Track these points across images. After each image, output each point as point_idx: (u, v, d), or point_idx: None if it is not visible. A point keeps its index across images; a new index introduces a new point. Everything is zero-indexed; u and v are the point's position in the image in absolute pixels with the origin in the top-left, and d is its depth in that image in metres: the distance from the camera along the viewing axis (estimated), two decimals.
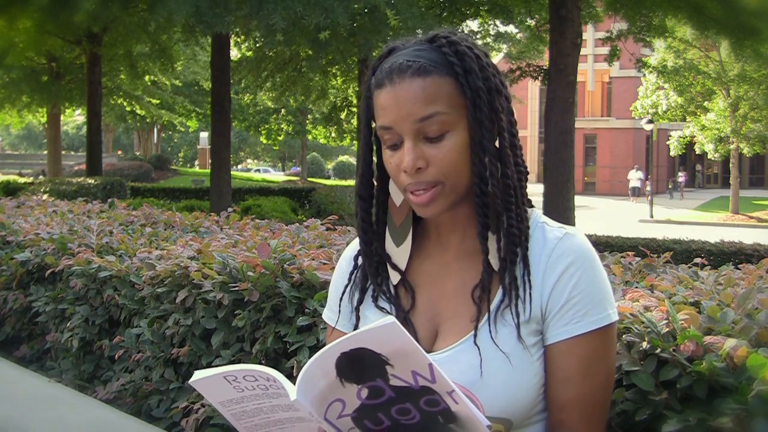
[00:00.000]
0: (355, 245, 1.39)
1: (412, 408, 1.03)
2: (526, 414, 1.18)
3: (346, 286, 1.35)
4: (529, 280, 1.19)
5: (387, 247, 1.31)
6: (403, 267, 1.29)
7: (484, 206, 1.19)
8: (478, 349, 1.18)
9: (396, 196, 1.29)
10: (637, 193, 33.38)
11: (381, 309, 1.30)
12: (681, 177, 37.53)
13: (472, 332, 1.20)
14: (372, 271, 1.31)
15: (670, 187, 34.90)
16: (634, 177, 34.04)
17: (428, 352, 1.22)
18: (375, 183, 1.29)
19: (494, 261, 1.21)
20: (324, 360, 1.00)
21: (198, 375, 1.09)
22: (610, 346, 1.21)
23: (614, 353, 1.23)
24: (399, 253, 1.29)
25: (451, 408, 1.01)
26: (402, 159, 1.18)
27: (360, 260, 1.34)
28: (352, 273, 1.35)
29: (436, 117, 1.15)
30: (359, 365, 1.00)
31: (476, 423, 1.02)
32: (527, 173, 1.26)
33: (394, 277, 1.30)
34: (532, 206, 1.29)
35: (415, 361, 0.99)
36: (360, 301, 1.33)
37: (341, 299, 1.36)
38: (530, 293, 1.19)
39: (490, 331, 1.19)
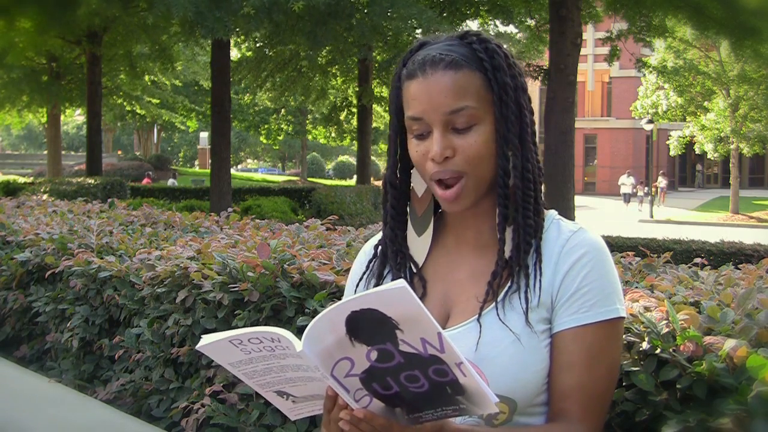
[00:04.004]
0: (374, 240, 1.42)
1: (420, 376, 1.03)
2: (530, 397, 1.20)
3: (363, 274, 1.39)
4: (540, 269, 1.23)
5: (408, 237, 1.34)
6: (423, 257, 1.33)
7: (506, 197, 1.24)
8: (480, 326, 1.21)
9: (418, 186, 1.33)
10: (629, 199, 32.41)
11: None
12: (662, 182, 32.85)
13: (482, 311, 1.23)
14: (393, 258, 1.34)
15: (653, 193, 30.41)
16: (627, 182, 32.59)
17: None
18: (387, 178, 1.32)
19: (508, 251, 1.25)
20: (333, 316, 1.01)
21: (205, 340, 1.11)
22: (615, 340, 1.23)
23: (619, 349, 1.25)
24: (420, 242, 1.33)
25: (460, 380, 1.02)
26: (430, 148, 1.22)
27: (379, 249, 1.37)
28: (370, 261, 1.38)
29: (465, 110, 1.20)
30: (369, 325, 1.00)
31: (484, 397, 1.02)
32: (542, 172, 1.30)
33: (413, 268, 1.33)
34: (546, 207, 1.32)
35: (425, 328, 0.99)
36: (375, 285, 1.35)
37: (357, 287, 1.39)
38: (540, 281, 1.22)
39: (498, 313, 1.22)
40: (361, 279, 1.39)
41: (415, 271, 1.33)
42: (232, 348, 1.10)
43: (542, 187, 1.29)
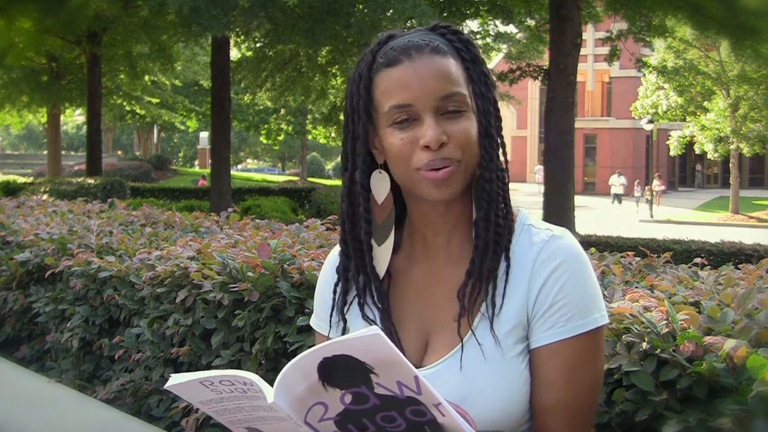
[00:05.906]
0: (336, 253, 1.32)
1: (397, 416, 1.01)
2: (517, 425, 1.16)
3: (334, 300, 1.30)
4: (508, 274, 1.17)
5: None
6: (384, 269, 1.24)
7: (487, 193, 1.17)
8: (461, 364, 1.16)
9: (378, 193, 1.23)
10: (620, 199, 31.59)
11: (367, 319, 1.25)
12: (658, 186, 30.08)
13: (460, 345, 1.18)
14: (356, 278, 1.25)
15: (648, 196, 28.50)
16: (617, 182, 32.14)
17: (418, 366, 1.19)
18: (358, 180, 1.21)
19: (479, 256, 1.18)
20: (304, 364, 0.98)
21: (174, 380, 1.07)
22: (597, 350, 1.17)
23: (601, 358, 1.20)
24: (380, 251, 1.24)
25: (438, 420, 1.00)
26: (422, 134, 1.13)
27: (340, 267, 1.28)
28: (336, 284, 1.29)
29: (457, 96, 1.14)
30: (342, 371, 0.98)
31: None
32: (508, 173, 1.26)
33: (377, 280, 1.25)
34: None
35: (401, 372, 0.97)
36: (346, 310, 1.28)
37: (331, 314, 1.30)
38: (506, 288, 1.17)
39: (478, 341, 1.16)
40: (333, 306, 1.29)
41: (375, 286, 1.24)
42: (202, 388, 1.07)
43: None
